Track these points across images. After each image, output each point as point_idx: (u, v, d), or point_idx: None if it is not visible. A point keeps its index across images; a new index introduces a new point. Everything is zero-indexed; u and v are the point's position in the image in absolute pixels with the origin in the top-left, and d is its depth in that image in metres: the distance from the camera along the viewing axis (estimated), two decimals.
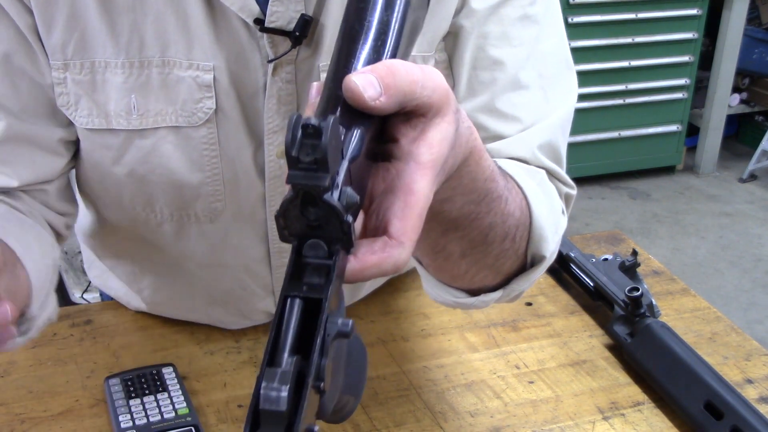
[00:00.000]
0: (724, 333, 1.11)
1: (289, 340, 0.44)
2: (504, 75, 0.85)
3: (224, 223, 0.93)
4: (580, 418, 0.95)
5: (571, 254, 1.19)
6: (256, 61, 0.83)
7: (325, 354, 0.45)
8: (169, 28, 0.81)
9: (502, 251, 0.75)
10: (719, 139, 4.13)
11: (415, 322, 1.11)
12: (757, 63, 4.13)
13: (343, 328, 0.46)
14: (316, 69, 0.84)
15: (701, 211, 3.80)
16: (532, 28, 0.86)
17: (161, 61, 0.82)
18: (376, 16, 0.56)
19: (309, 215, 0.46)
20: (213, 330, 1.07)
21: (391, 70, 0.50)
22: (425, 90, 0.51)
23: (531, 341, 1.08)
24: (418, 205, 0.51)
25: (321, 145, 0.44)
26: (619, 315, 1.07)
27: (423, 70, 0.52)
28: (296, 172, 0.45)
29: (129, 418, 0.89)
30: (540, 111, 0.86)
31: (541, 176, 0.83)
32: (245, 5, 0.80)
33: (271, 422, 0.42)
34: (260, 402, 0.42)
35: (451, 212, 0.66)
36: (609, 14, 3.57)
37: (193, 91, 0.83)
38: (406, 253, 0.50)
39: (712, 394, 0.92)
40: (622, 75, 3.72)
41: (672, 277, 1.24)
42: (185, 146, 0.86)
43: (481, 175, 0.64)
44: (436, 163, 0.52)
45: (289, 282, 0.46)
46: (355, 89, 0.49)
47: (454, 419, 0.94)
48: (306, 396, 0.43)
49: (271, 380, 0.42)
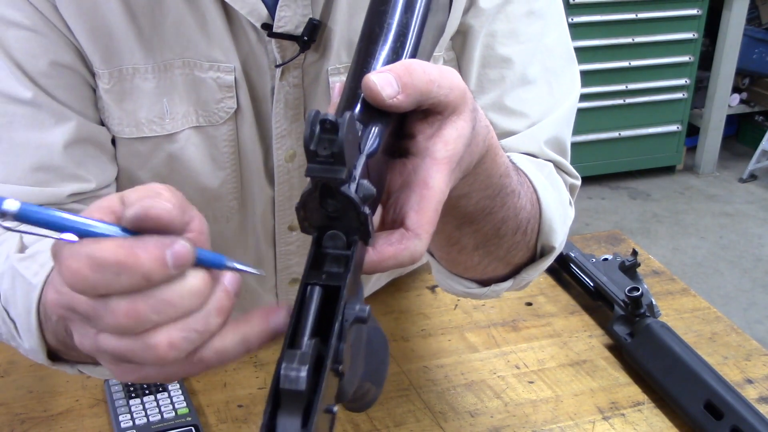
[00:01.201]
0: (724, 333, 1.11)
1: (309, 324, 0.46)
2: (512, 72, 0.86)
3: (236, 224, 0.93)
4: (580, 418, 0.95)
5: (571, 254, 1.19)
6: (265, 65, 0.84)
7: (344, 338, 0.46)
8: (188, 29, 0.80)
9: (514, 243, 0.77)
10: (719, 139, 4.13)
11: (415, 322, 1.11)
12: (757, 63, 4.13)
13: (360, 314, 0.47)
14: (324, 73, 0.84)
15: (701, 211, 3.80)
16: (538, 23, 0.87)
17: (182, 62, 0.82)
18: (396, 19, 0.58)
19: (327, 207, 0.48)
20: None
21: (409, 69, 0.52)
22: (442, 89, 0.53)
23: (531, 341, 1.08)
24: (434, 198, 0.52)
25: (338, 139, 0.46)
26: (619, 315, 1.07)
27: (440, 69, 0.53)
28: (315, 166, 0.47)
29: (129, 418, 0.89)
30: (546, 105, 0.88)
31: (549, 169, 0.85)
32: (254, 9, 0.79)
33: (291, 401, 0.44)
34: (280, 381, 0.44)
35: (467, 207, 0.67)
36: (609, 14, 3.57)
37: (215, 92, 0.83)
38: (422, 245, 0.52)
39: (712, 394, 0.92)
40: (622, 75, 3.72)
41: (672, 277, 1.24)
42: (207, 145, 0.86)
43: (496, 171, 0.66)
44: (451, 160, 0.53)
45: (309, 271, 0.48)
46: (373, 87, 0.51)
47: (454, 419, 0.94)
48: (324, 377, 0.44)
49: (291, 361, 0.44)
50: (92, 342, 0.49)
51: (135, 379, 0.51)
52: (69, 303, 0.48)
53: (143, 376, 0.51)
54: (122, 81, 0.82)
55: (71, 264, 0.46)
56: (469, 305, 1.15)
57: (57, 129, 0.80)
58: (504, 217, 0.72)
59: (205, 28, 0.81)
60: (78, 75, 0.81)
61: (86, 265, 0.45)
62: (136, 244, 0.46)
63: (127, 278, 0.45)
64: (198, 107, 0.84)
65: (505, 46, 0.86)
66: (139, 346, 0.47)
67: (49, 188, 0.80)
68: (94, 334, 0.48)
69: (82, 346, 0.50)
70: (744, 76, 4.21)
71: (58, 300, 0.49)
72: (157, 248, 0.46)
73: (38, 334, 0.69)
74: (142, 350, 0.47)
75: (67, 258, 0.46)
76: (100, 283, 0.45)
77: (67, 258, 0.46)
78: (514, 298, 1.17)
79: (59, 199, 0.81)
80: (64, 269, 0.46)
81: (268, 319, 0.50)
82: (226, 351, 0.49)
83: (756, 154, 4.00)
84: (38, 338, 0.69)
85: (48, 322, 0.68)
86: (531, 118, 0.87)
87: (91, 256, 0.45)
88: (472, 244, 0.74)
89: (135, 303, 0.46)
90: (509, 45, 0.86)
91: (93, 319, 0.47)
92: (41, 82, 0.79)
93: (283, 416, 0.44)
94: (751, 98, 4.28)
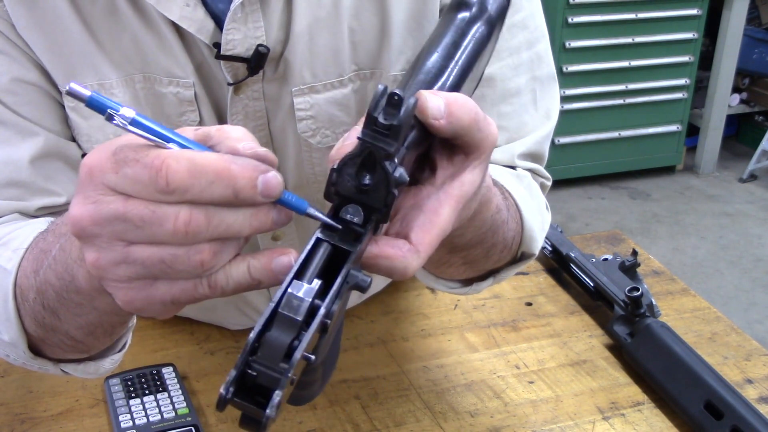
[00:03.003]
0: (724, 333, 1.11)
1: (315, 264, 0.48)
2: (493, 90, 0.87)
3: None
4: (580, 418, 0.95)
5: (571, 254, 1.19)
6: (222, 80, 0.82)
7: (340, 297, 0.48)
8: (145, 45, 0.80)
9: (500, 258, 0.81)
10: (719, 139, 4.13)
11: (415, 322, 1.11)
12: (757, 63, 4.13)
13: (362, 282, 0.49)
14: (288, 94, 0.83)
15: (701, 211, 3.80)
16: (520, 35, 0.87)
17: (142, 76, 0.81)
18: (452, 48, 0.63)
19: (362, 178, 0.50)
20: (213, 330, 1.07)
21: (459, 101, 0.55)
22: (480, 132, 0.56)
23: (531, 341, 1.08)
24: (440, 226, 0.55)
25: (400, 114, 0.48)
26: (619, 315, 1.07)
27: (485, 116, 0.57)
28: (369, 131, 0.49)
29: (129, 418, 0.89)
30: (528, 114, 0.89)
31: (528, 180, 0.87)
32: (202, 27, 0.78)
33: (284, 327, 0.45)
34: (281, 305, 0.45)
35: (460, 242, 0.70)
36: (609, 14, 3.57)
37: (176, 106, 0.83)
38: (418, 262, 0.54)
39: (712, 394, 0.92)
40: (622, 75, 3.72)
41: (672, 277, 1.24)
42: None
43: (488, 214, 0.69)
44: (461, 199, 0.57)
45: (323, 230, 0.50)
46: (423, 103, 0.54)
47: (454, 419, 0.94)
48: (316, 321, 0.45)
49: (297, 290, 0.45)
50: (117, 255, 0.51)
51: (140, 299, 0.53)
52: (115, 210, 0.50)
53: (150, 296, 0.53)
54: None
55: (171, 164, 0.48)
56: (469, 305, 1.15)
57: (23, 145, 0.80)
58: (494, 243, 0.75)
59: (161, 44, 0.80)
60: (43, 92, 0.81)
61: (186, 168, 0.48)
62: (235, 161, 0.50)
63: (220, 189, 0.49)
64: (162, 120, 0.83)
65: (487, 66, 0.86)
66: (183, 252, 0.50)
67: (20, 203, 0.80)
68: (124, 245, 0.51)
69: (97, 263, 0.52)
70: (744, 76, 4.22)
71: (94, 210, 0.50)
72: (254, 170, 0.50)
73: (17, 321, 0.69)
74: (186, 255, 0.50)
75: (169, 158, 0.49)
76: (193, 187, 0.49)
77: (169, 158, 0.49)
78: (514, 298, 1.17)
79: (29, 213, 0.81)
80: (163, 168, 0.48)
81: (273, 258, 0.52)
82: (233, 277, 0.53)
83: (756, 154, 4.00)
84: (17, 325, 0.69)
85: (25, 304, 0.68)
86: (509, 131, 0.88)
87: (193, 161, 0.49)
88: (460, 262, 0.77)
89: (198, 215, 0.49)
90: (491, 63, 0.85)
91: (146, 225, 0.49)
92: (5, 99, 0.79)
93: (271, 337, 0.45)
94: (751, 98, 4.28)
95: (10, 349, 0.72)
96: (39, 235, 0.68)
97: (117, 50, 0.80)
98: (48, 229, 0.67)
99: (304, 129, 0.84)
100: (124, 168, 0.49)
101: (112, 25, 0.79)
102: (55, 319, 0.65)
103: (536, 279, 1.22)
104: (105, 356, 0.76)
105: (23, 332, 0.70)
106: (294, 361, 0.44)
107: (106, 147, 0.51)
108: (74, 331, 0.66)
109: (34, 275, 0.65)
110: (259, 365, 0.44)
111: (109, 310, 0.60)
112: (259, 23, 0.78)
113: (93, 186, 0.50)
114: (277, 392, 0.44)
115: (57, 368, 0.75)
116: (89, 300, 0.60)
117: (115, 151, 0.50)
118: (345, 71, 0.82)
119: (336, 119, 0.84)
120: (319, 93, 0.83)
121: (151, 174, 0.49)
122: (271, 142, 0.86)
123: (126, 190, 0.50)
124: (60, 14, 0.77)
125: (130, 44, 0.80)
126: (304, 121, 0.84)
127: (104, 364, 0.76)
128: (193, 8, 0.77)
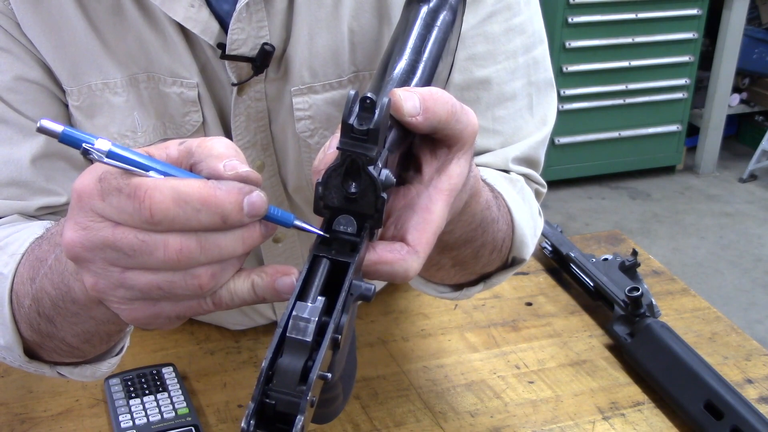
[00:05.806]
0: (724, 333, 1.11)
1: (317, 282, 0.47)
2: (488, 93, 0.86)
3: None
4: (580, 418, 0.95)
5: (571, 254, 1.19)
6: (226, 81, 0.83)
7: (346, 311, 0.47)
8: (149, 45, 0.80)
9: (490, 261, 0.80)
10: (719, 139, 4.13)
11: (415, 322, 1.11)
12: (757, 63, 4.13)
13: (366, 292, 0.48)
14: (287, 93, 0.83)
15: (701, 211, 3.80)
16: (518, 39, 0.86)
17: (146, 76, 0.81)
18: (414, 40, 0.61)
19: (349, 187, 0.49)
20: (213, 330, 1.07)
21: (434, 95, 0.54)
22: (459, 123, 0.55)
23: (531, 341, 1.08)
24: (435, 223, 0.55)
25: (375, 118, 0.47)
26: (619, 315, 1.07)
27: (462, 106, 0.55)
28: (347, 140, 0.48)
29: (129, 418, 0.89)
30: (523, 120, 0.88)
31: (521, 184, 0.87)
32: (206, 28, 0.78)
33: (295, 350, 0.44)
34: (288, 329, 0.44)
35: (450, 239, 0.70)
36: (609, 14, 3.57)
37: (179, 106, 0.83)
38: (418, 263, 0.54)
39: (712, 394, 0.92)
40: (622, 75, 3.72)
41: (672, 277, 1.24)
42: None
43: (478, 208, 0.68)
44: (452, 192, 0.56)
45: (319, 246, 0.49)
46: (397, 101, 0.53)
47: (454, 419, 0.94)
48: (327, 338, 0.45)
49: (302, 312, 0.45)
50: (114, 280, 0.51)
51: (144, 317, 0.53)
52: (105, 238, 0.49)
53: (154, 313, 0.53)
54: (92, 96, 0.81)
55: (155, 195, 0.48)
56: (469, 305, 1.15)
57: (25, 144, 0.80)
58: (483, 242, 0.75)
59: (165, 44, 0.80)
60: (46, 90, 0.81)
61: (170, 198, 0.48)
62: (219, 186, 0.49)
63: (207, 216, 0.49)
64: (165, 120, 0.84)
65: (483, 68, 0.85)
66: (179, 278, 0.50)
67: (20, 202, 0.80)
68: (119, 272, 0.50)
69: (95, 287, 0.52)
70: (744, 76, 4.22)
71: (84, 237, 0.50)
72: (239, 194, 0.49)
73: (12, 326, 0.69)
74: (183, 281, 0.50)
75: (151, 189, 0.48)
76: (179, 216, 0.48)
77: (151, 189, 0.48)
78: (514, 298, 1.17)
79: (28, 212, 0.81)
80: (146, 199, 0.48)
81: (276, 279, 0.52)
82: (238, 294, 0.53)
83: (756, 154, 4.00)
84: (12, 330, 0.69)
85: (21, 310, 0.68)
86: (504, 135, 0.87)
87: (177, 190, 0.48)
88: (450, 264, 0.77)
89: (189, 241, 0.49)
90: (487, 66, 0.85)
91: (136, 254, 0.49)
92: (7, 98, 0.79)
93: (284, 363, 0.44)
94: (751, 98, 4.28)
95: (6, 352, 0.72)
96: (35, 241, 0.68)
97: (122, 50, 0.80)
98: (43, 236, 0.67)
99: (302, 129, 0.84)
100: (109, 197, 0.49)
101: (117, 24, 0.79)
102: (51, 327, 0.65)
103: (536, 279, 1.22)
104: (102, 360, 0.76)
105: (19, 337, 0.70)
106: (310, 383, 0.43)
107: (93, 171, 0.50)
108: (71, 338, 0.66)
109: (31, 282, 0.65)
110: (277, 393, 0.44)
111: (106, 319, 0.60)
112: (263, 23, 0.78)
113: (83, 212, 0.50)
114: (298, 417, 0.43)
115: (53, 371, 0.75)
116: (86, 310, 0.59)
117: (100, 178, 0.50)
118: (344, 72, 0.82)
119: (334, 120, 0.84)
120: (318, 93, 0.83)
121: (134, 205, 0.48)
122: (272, 143, 0.87)
123: (114, 218, 0.49)
124: (65, 13, 0.78)
125: (135, 44, 0.80)
126: (302, 121, 0.84)
127: (101, 368, 0.76)
128: (197, 9, 0.77)
